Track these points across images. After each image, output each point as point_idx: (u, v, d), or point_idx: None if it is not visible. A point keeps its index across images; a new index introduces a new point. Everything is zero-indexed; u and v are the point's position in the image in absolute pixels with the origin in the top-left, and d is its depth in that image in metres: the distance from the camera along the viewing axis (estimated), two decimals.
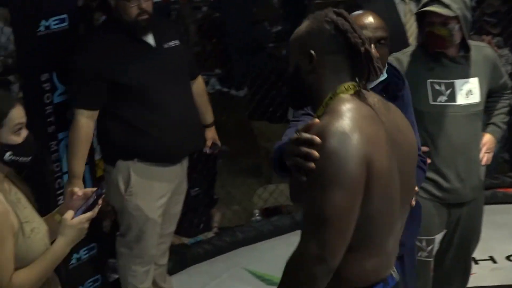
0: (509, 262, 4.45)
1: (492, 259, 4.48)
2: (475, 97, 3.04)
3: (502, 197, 5.29)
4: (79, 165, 3.37)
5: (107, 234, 4.11)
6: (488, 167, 3.61)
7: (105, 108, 3.39)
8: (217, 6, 7.69)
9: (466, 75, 3.01)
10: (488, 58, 3.08)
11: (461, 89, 3.00)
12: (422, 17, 2.95)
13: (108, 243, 3.84)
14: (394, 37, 3.90)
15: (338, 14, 1.86)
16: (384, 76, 2.43)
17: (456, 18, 2.89)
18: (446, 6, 2.87)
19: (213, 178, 5.03)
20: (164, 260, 3.76)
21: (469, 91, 3.01)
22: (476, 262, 4.43)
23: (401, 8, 4.10)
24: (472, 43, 3.05)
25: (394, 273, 1.98)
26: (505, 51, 5.62)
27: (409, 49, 3.10)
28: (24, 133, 2.16)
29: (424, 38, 2.99)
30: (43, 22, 3.34)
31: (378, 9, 3.99)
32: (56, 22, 3.39)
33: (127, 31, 3.35)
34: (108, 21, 3.68)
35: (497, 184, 5.34)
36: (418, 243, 3.06)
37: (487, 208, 5.05)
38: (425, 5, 2.91)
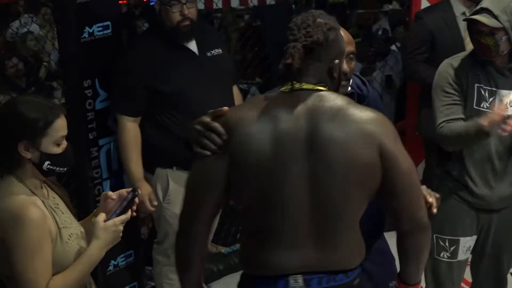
0: None
1: None
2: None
3: None
4: (138, 168, 3.40)
5: (144, 242, 4.13)
6: None
7: (146, 114, 3.41)
8: (259, 15, 7.71)
9: (510, 87, 2.98)
10: None
11: (502, 99, 2.97)
12: (472, 24, 2.94)
13: (146, 251, 3.85)
14: (452, 50, 3.91)
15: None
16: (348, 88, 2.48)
17: (503, 29, 2.87)
18: (495, 16, 2.86)
19: None
20: None
21: (510, 102, 2.97)
22: None
23: (461, 23, 4.08)
24: None
25: (296, 281, 2.01)
26: None
27: (461, 55, 3.10)
28: (64, 144, 2.17)
29: (473, 45, 3.00)
30: (87, 29, 3.37)
31: (438, 23, 4.02)
32: (100, 28, 3.42)
33: (170, 37, 3.36)
34: (151, 28, 3.70)
35: None
36: (441, 243, 3.14)
37: None
38: (475, 13, 2.91)
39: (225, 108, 2.06)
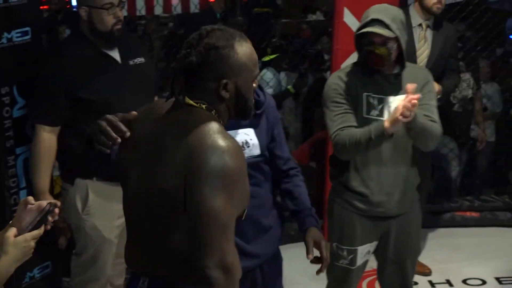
0: (465, 286, 4.48)
1: (449, 282, 4.51)
2: None
3: (460, 220, 5.36)
4: (44, 180, 3.33)
5: (62, 252, 4.05)
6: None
7: (67, 123, 3.35)
8: (183, 23, 7.71)
9: (397, 93, 3.06)
10: (419, 78, 3.11)
11: (389, 106, 3.04)
12: (361, 36, 3.01)
13: (63, 262, 3.78)
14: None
15: None
16: None
17: (395, 38, 2.96)
18: (386, 26, 2.94)
19: None
20: (121, 280, 3.70)
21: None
22: (433, 285, 4.48)
23: (417, 33, 4.20)
24: (408, 64, 3.11)
25: (143, 282, 2.06)
26: (467, 75, 5.72)
27: (347, 67, 3.17)
28: None
29: (363, 56, 3.04)
30: (6, 34, 3.30)
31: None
32: (18, 34, 3.36)
33: (94, 45, 3.33)
34: (74, 35, 3.64)
35: (456, 207, 5.42)
36: (339, 252, 3.22)
37: (446, 231, 5.21)
38: (366, 25, 2.97)
39: (134, 112, 2.12)
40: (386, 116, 3.03)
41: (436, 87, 4.10)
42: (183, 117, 2.00)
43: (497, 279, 4.49)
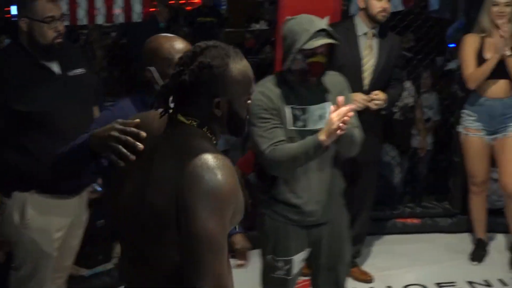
0: None
1: None
2: None
3: (401, 227, 5.43)
4: None
5: (0, 267, 3.95)
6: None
7: (3, 136, 3.29)
8: (125, 32, 7.65)
9: (319, 101, 3.10)
10: (338, 85, 3.18)
11: (313, 115, 3.08)
12: (292, 46, 3.01)
13: (2, 276, 3.69)
14: (351, 69, 4.07)
15: None
16: None
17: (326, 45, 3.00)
18: (329, 34, 2.99)
19: None
20: None
21: (320, 116, 3.09)
22: None
23: (362, 43, 4.24)
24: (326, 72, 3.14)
25: None
26: (408, 84, 5.82)
27: (268, 80, 3.16)
28: None
29: (304, 67, 3.02)
30: None
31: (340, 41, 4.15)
32: None
33: (32, 56, 3.28)
34: (12, 45, 3.58)
35: (397, 214, 5.49)
36: (275, 263, 3.23)
37: (388, 238, 5.27)
38: (313, 37, 2.96)
39: (137, 120, 2.10)
40: (310, 125, 3.07)
41: (382, 95, 4.17)
42: (174, 134, 1.99)
43: (438, 284, 4.56)
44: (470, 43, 4.64)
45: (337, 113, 2.83)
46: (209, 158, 1.90)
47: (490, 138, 4.70)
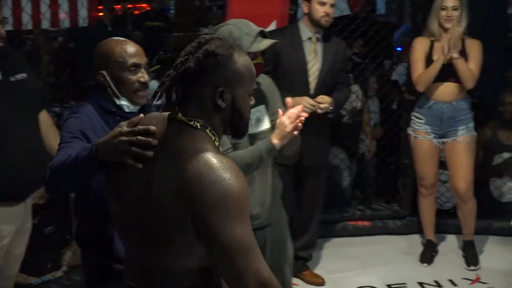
0: None
1: None
2: (265, 124, 3.17)
3: (352, 229, 5.46)
4: None
5: None
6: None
7: None
8: (72, 37, 7.54)
9: (255, 104, 3.11)
10: (268, 86, 3.22)
11: (252, 118, 3.07)
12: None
13: None
14: (297, 74, 4.08)
15: None
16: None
17: None
18: (265, 35, 3.02)
19: (68, 217, 4.83)
20: None
21: (257, 119, 3.11)
22: None
23: (307, 47, 4.25)
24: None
25: None
26: (356, 87, 5.86)
27: None
28: None
29: None
30: None
31: (285, 46, 4.16)
32: None
33: None
34: None
35: (347, 217, 5.51)
36: None
37: (338, 241, 5.29)
38: (255, 40, 2.97)
39: (141, 115, 2.11)
40: (249, 130, 3.06)
41: (327, 99, 4.19)
42: (177, 138, 1.95)
43: (389, 286, 4.59)
44: (420, 46, 4.70)
45: (287, 116, 2.84)
46: (215, 162, 1.86)
47: (439, 141, 4.76)
